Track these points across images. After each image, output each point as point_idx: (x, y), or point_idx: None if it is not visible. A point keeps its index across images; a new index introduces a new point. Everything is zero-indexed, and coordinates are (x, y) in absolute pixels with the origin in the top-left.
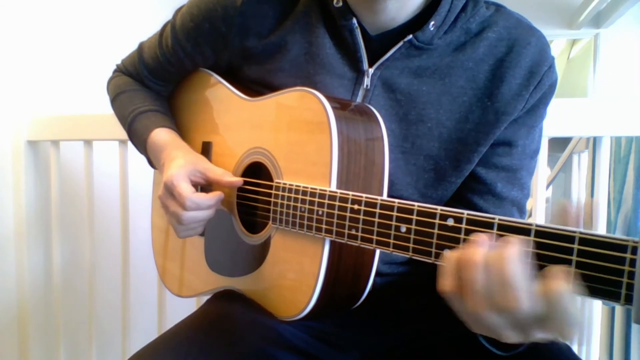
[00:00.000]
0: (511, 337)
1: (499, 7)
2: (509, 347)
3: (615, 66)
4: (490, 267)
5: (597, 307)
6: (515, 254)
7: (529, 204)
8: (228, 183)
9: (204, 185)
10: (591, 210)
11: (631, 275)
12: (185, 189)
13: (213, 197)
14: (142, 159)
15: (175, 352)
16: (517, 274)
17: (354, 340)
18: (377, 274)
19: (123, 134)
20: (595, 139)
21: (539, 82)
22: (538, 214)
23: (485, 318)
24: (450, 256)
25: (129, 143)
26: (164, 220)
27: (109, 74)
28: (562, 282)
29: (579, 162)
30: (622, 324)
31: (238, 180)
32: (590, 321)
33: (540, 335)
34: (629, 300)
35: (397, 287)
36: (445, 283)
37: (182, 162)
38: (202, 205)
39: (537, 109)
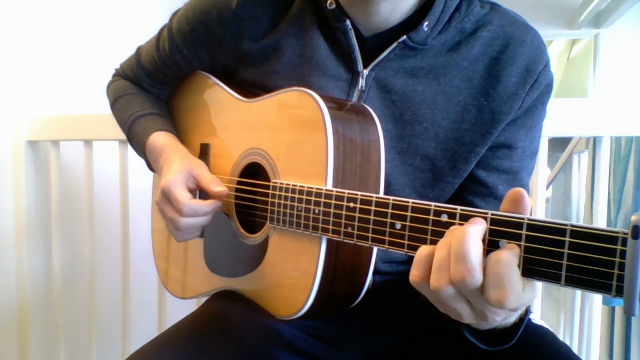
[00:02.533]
0: (464, 311)
1: (493, 6)
2: (495, 342)
3: (615, 66)
4: (452, 244)
5: (597, 307)
6: (472, 232)
7: (529, 204)
8: (214, 193)
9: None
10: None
11: (622, 266)
12: (182, 195)
13: (210, 204)
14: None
15: (173, 351)
16: (471, 250)
17: (354, 340)
18: (377, 272)
19: (123, 134)
20: (595, 139)
21: (535, 81)
22: (538, 214)
23: (443, 291)
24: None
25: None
26: (163, 223)
27: (109, 73)
28: (503, 252)
29: (579, 162)
30: (622, 324)
31: (224, 191)
32: (590, 321)
33: (487, 310)
34: (619, 291)
35: (397, 285)
36: (415, 273)
37: (178, 167)
38: (198, 212)
39: (534, 109)
